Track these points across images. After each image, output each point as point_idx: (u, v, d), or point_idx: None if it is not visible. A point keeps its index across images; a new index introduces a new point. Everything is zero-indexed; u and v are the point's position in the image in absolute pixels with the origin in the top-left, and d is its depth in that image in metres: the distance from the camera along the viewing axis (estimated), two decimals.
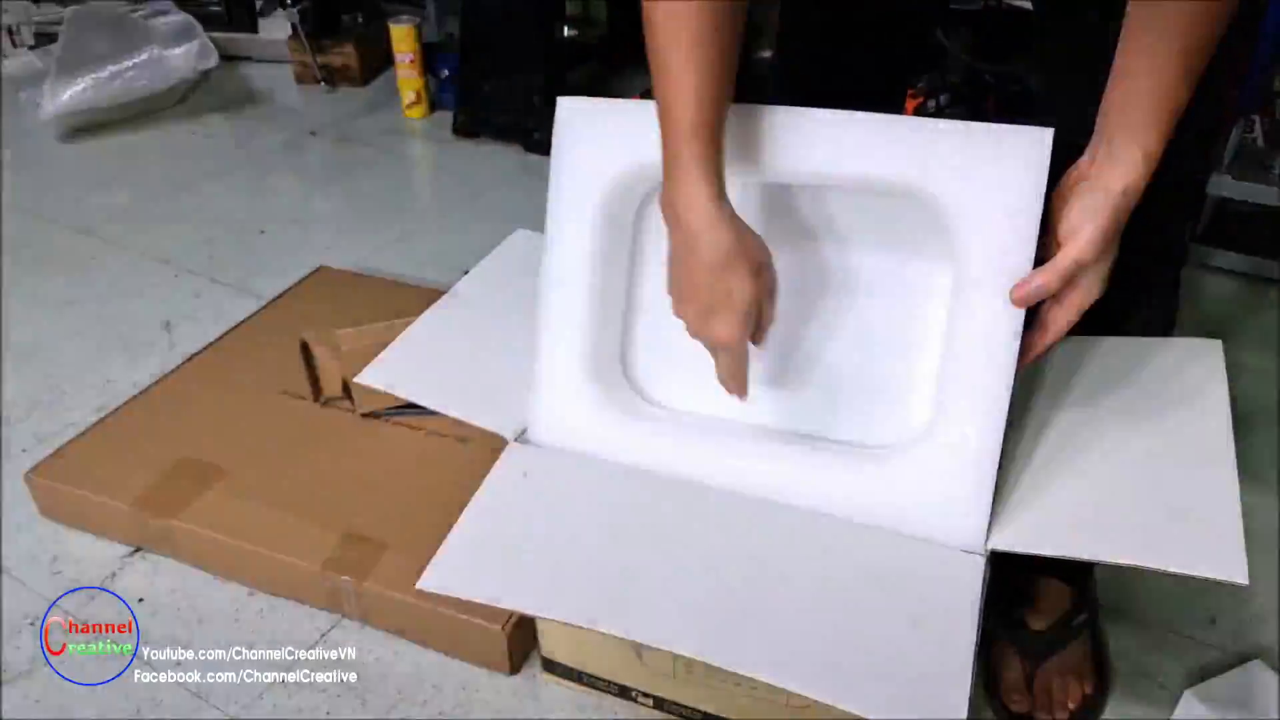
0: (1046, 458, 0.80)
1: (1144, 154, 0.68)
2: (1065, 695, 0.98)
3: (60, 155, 2.20)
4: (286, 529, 1.09)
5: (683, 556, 0.76)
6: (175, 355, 1.50)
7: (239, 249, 1.83)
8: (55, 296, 1.68)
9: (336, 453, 1.20)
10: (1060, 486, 0.77)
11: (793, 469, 0.80)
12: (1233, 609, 1.08)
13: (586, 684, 0.99)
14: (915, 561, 0.74)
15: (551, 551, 0.78)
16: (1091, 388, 0.85)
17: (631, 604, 0.73)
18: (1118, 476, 0.76)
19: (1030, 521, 0.75)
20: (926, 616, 0.71)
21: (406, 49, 2.26)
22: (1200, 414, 0.79)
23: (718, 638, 0.70)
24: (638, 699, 0.96)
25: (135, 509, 1.13)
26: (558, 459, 0.85)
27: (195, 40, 2.32)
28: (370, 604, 1.05)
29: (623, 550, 0.77)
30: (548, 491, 0.83)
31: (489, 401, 0.89)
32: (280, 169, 2.16)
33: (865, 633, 0.71)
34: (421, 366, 0.93)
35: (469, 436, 1.21)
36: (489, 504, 0.82)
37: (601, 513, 0.81)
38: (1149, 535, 0.71)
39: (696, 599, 0.73)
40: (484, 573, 0.77)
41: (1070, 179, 0.72)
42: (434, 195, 2.07)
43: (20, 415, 1.40)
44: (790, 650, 0.69)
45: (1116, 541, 0.71)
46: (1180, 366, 0.84)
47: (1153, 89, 0.68)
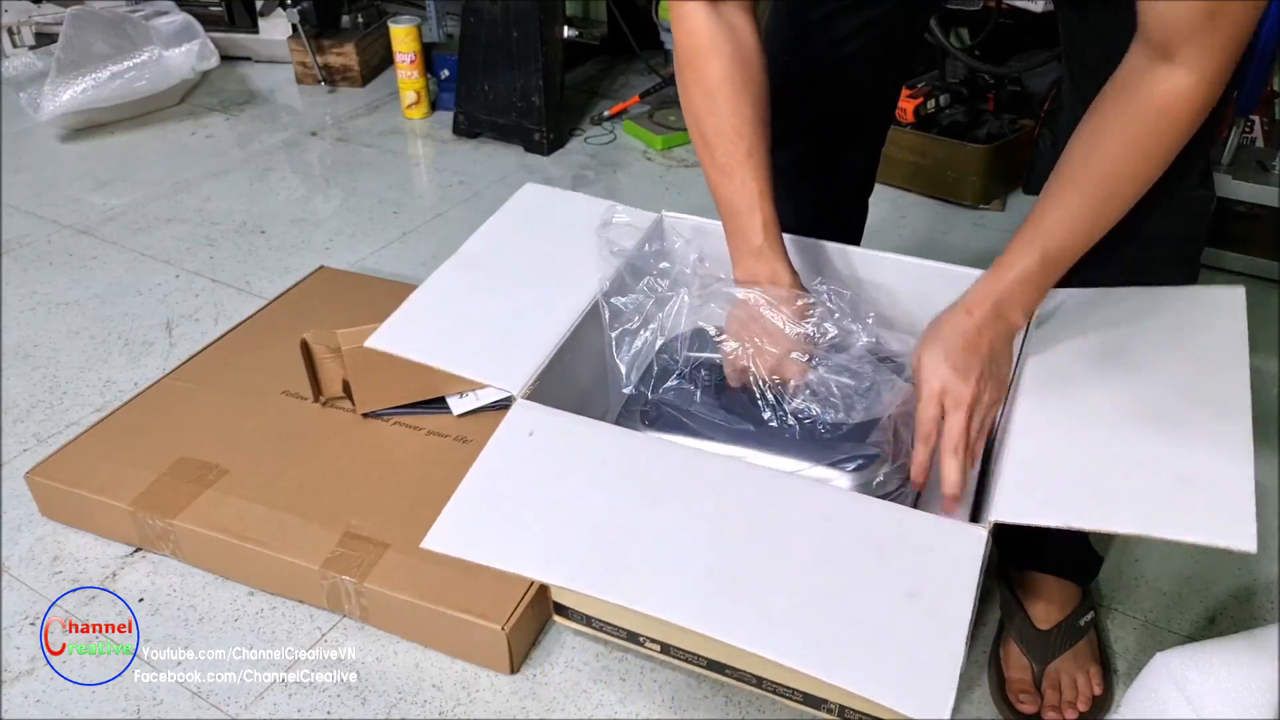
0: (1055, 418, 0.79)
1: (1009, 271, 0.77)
2: (1074, 695, 0.97)
3: (60, 155, 2.20)
4: (286, 529, 1.09)
5: (684, 522, 0.76)
6: (175, 355, 1.50)
7: (239, 249, 1.83)
8: (55, 296, 1.68)
9: (336, 453, 1.20)
10: (1067, 449, 0.76)
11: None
12: (1233, 609, 1.09)
13: (596, 628, 0.98)
14: (917, 531, 0.73)
15: (555, 513, 0.78)
16: (1107, 338, 0.84)
17: (632, 571, 0.73)
18: (1127, 437, 0.75)
19: (1034, 490, 0.73)
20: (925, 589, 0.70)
21: (406, 49, 2.26)
22: (1217, 365, 0.78)
23: (714, 608, 0.70)
24: (645, 644, 0.96)
25: (135, 509, 1.13)
26: (564, 419, 0.84)
27: (195, 40, 2.32)
28: (370, 604, 1.05)
29: (624, 514, 0.77)
30: (552, 451, 0.82)
31: (496, 360, 0.88)
32: (280, 169, 2.16)
33: (861, 605, 0.70)
34: (428, 329, 0.93)
35: (469, 436, 1.21)
36: (494, 463, 0.82)
37: (605, 475, 0.80)
38: (1156, 502, 0.69)
39: (696, 566, 0.73)
40: (486, 534, 0.77)
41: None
42: (434, 195, 2.07)
43: (20, 415, 1.40)
44: (785, 622, 0.69)
45: (1122, 511, 0.70)
46: (1200, 315, 0.84)
47: (1037, 220, 0.76)
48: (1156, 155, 0.72)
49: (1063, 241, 0.76)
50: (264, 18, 2.58)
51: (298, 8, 2.38)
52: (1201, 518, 0.67)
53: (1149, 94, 0.70)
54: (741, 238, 0.87)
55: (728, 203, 0.86)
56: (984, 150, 1.86)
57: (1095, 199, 0.74)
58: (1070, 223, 0.75)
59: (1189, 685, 0.68)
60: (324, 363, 1.24)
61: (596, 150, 2.20)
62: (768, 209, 0.85)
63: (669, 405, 0.90)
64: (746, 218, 0.85)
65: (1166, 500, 0.69)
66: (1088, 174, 0.74)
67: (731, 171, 0.85)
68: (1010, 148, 1.89)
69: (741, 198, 0.85)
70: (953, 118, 1.93)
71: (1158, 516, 0.68)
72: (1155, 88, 0.70)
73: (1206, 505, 0.68)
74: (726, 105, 0.84)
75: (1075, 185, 0.75)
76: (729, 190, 0.86)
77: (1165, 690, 0.70)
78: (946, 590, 0.69)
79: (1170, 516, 0.68)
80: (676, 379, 0.92)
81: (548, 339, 0.89)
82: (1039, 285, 0.78)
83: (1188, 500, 0.69)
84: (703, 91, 0.84)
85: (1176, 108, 0.70)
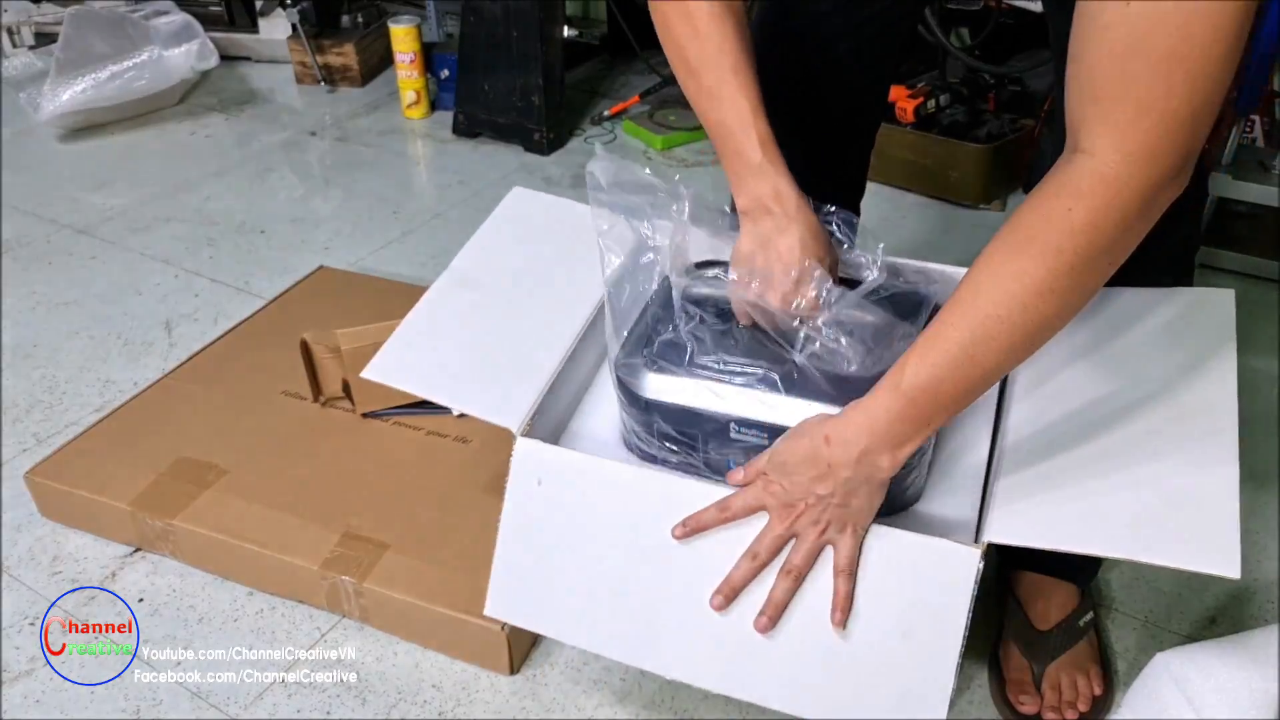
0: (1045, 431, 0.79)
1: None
2: (1075, 696, 0.97)
3: (60, 155, 2.20)
4: (286, 529, 1.09)
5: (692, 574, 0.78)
6: (175, 355, 1.50)
7: (239, 249, 1.83)
8: (55, 296, 1.68)
9: (336, 453, 1.20)
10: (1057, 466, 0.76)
11: None
12: (1233, 609, 1.08)
13: None
14: (911, 559, 0.74)
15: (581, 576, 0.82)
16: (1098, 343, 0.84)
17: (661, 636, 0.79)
18: (1116, 453, 0.75)
19: (1026, 510, 0.74)
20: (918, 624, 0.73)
21: (406, 49, 2.26)
22: (1206, 374, 0.78)
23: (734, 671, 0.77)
24: None
25: (135, 509, 1.13)
26: (565, 464, 0.84)
27: (195, 40, 2.32)
28: (370, 604, 1.05)
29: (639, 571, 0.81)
30: (563, 505, 0.83)
31: (493, 391, 0.88)
32: (280, 169, 2.16)
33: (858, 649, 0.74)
34: (422, 357, 0.92)
35: (469, 436, 1.21)
36: (517, 521, 0.84)
37: (614, 529, 0.82)
38: (1144, 527, 0.70)
39: (714, 623, 0.77)
40: (533, 602, 0.84)
41: None
42: (434, 195, 2.07)
43: (20, 415, 1.40)
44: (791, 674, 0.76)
45: (1111, 534, 0.71)
46: (1190, 319, 0.83)
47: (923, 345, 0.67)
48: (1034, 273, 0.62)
49: (926, 388, 0.67)
50: (264, 17, 2.58)
51: (297, 7, 2.38)
52: (1189, 543, 0.68)
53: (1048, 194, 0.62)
54: (739, 159, 0.80)
55: (720, 125, 0.81)
56: (984, 150, 1.86)
57: (975, 346, 0.65)
58: (940, 371, 0.66)
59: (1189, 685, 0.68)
60: (324, 363, 1.24)
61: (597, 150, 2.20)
62: (762, 126, 0.80)
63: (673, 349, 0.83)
64: (741, 137, 0.80)
65: (1154, 524, 0.70)
66: (973, 310, 0.65)
67: (720, 92, 0.80)
68: (1010, 148, 1.89)
69: (733, 116, 0.79)
70: (953, 117, 1.93)
71: (1146, 540, 0.69)
72: (1058, 182, 0.62)
73: (1193, 529, 0.69)
74: (711, 28, 0.79)
75: (949, 325, 0.66)
76: (720, 112, 0.80)
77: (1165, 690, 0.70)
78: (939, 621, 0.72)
79: (1158, 541, 0.69)
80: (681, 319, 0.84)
81: (545, 364, 0.89)
82: (906, 429, 0.69)
83: (1175, 524, 0.69)
84: (684, 18, 0.80)
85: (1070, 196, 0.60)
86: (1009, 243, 0.65)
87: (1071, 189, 0.61)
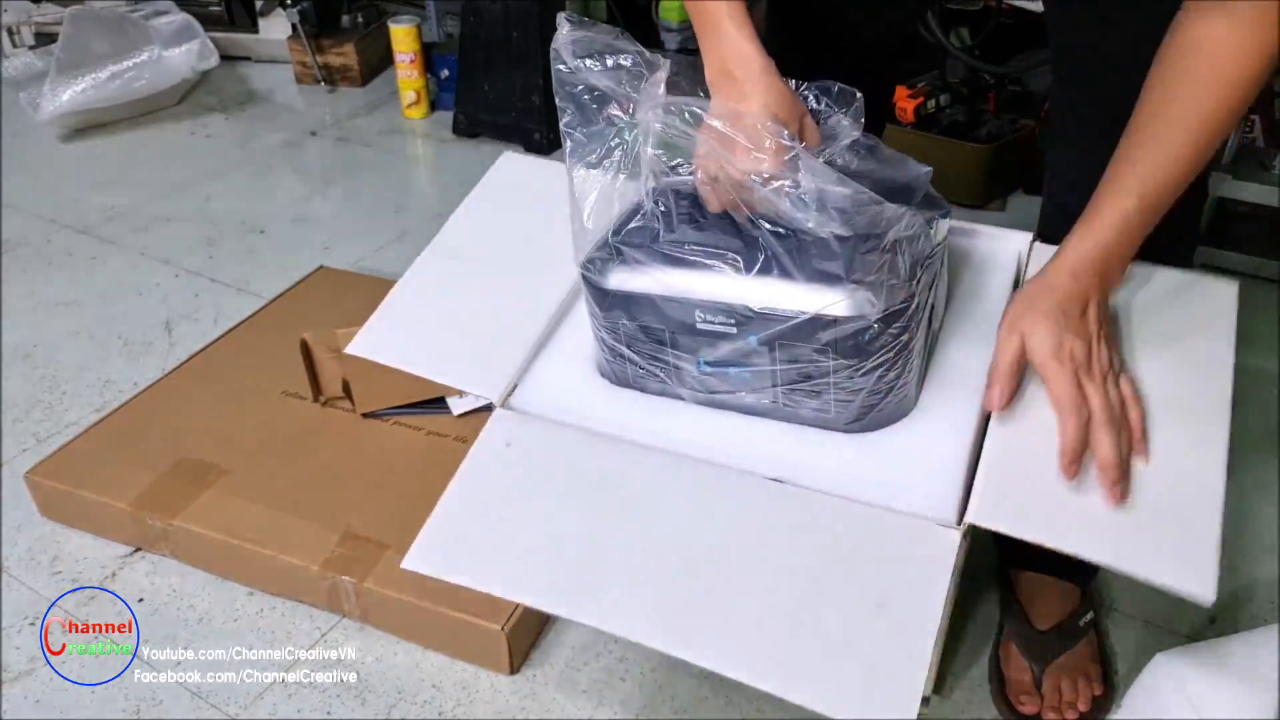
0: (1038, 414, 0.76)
1: (1099, 224, 0.72)
2: (1075, 696, 0.97)
3: (60, 155, 2.20)
4: (286, 529, 1.09)
5: (655, 536, 0.75)
6: (175, 355, 1.50)
7: (239, 249, 1.83)
8: (55, 296, 1.68)
9: (336, 453, 1.20)
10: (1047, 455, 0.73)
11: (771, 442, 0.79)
12: (1233, 609, 1.08)
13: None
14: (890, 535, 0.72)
15: (526, 530, 0.77)
16: None
17: (601, 590, 0.72)
18: None
19: (1013, 496, 0.72)
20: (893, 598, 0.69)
21: (406, 49, 2.26)
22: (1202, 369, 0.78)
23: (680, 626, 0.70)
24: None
25: (135, 509, 1.13)
26: (540, 429, 0.83)
27: (195, 40, 2.32)
28: (370, 604, 1.05)
29: (595, 529, 0.76)
30: (528, 464, 0.81)
31: (476, 363, 0.87)
32: (280, 169, 2.16)
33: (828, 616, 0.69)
34: (407, 330, 0.91)
35: (468, 436, 1.21)
36: (471, 478, 0.81)
37: (578, 488, 0.79)
38: (1127, 531, 0.69)
39: (666, 582, 0.72)
40: (461, 553, 0.77)
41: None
42: (434, 195, 2.07)
43: (20, 415, 1.40)
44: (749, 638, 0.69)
45: (1095, 535, 0.69)
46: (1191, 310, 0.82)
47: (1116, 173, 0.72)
48: (1242, 83, 0.69)
49: (1160, 184, 0.72)
50: (264, 17, 2.58)
51: (297, 7, 2.38)
52: (1167, 558, 0.67)
53: (1216, 37, 0.68)
54: (707, 33, 0.78)
55: (697, 7, 0.78)
56: (984, 150, 1.85)
57: (1193, 132, 0.71)
58: (1168, 163, 0.72)
59: (1189, 685, 0.68)
60: (324, 363, 1.24)
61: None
62: (736, 2, 0.77)
63: (639, 237, 0.77)
64: (712, 8, 0.77)
65: (1137, 531, 0.69)
66: (1183, 110, 0.71)
67: None
68: (1011, 148, 1.89)
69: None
70: (953, 118, 1.93)
71: (1128, 548, 0.68)
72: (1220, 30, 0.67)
73: (1174, 544, 0.68)
74: None
75: (1169, 123, 0.71)
76: None
77: (1165, 690, 0.70)
78: (916, 597, 0.68)
79: (1139, 551, 0.68)
80: (649, 205, 0.77)
81: (529, 335, 0.88)
82: (1137, 237, 0.74)
83: (1157, 534, 0.68)
84: None
85: (1247, 45, 0.67)
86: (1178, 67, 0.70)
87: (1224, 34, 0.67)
